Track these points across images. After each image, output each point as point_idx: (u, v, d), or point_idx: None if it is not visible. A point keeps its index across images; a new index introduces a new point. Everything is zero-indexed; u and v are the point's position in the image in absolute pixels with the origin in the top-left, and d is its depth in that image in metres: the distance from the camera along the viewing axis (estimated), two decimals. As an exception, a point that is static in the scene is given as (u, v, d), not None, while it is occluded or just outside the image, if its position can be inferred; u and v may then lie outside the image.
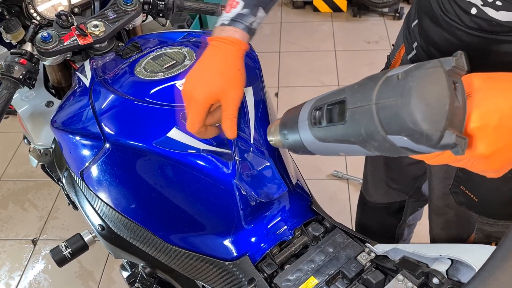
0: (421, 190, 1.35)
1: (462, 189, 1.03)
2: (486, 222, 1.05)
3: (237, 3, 0.82)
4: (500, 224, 1.05)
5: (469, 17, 0.82)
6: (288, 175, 0.97)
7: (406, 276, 0.80)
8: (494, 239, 1.09)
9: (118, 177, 0.92)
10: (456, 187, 1.04)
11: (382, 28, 3.26)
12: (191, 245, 0.93)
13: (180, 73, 0.95)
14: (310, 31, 3.32)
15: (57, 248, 1.11)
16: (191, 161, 0.86)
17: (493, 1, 0.77)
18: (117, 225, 0.98)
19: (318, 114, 0.62)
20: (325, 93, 0.64)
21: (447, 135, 0.49)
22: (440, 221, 1.17)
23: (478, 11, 0.80)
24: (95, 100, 0.94)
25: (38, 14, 1.17)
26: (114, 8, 1.14)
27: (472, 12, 0.81)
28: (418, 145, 0.51)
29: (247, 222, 0.91)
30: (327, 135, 0.60)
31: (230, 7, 0.82)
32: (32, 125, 1.20)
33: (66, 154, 1.01)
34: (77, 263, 2.01)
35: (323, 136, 0.61)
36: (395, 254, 0.86)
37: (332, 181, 2.28)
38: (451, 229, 1.15)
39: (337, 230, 0.93)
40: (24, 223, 2.23)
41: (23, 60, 1.03)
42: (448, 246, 0.79)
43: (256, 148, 0.89)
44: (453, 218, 1.12)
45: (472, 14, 0.81)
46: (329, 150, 0.63)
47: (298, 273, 0.86)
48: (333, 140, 0.59)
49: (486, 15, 0.79)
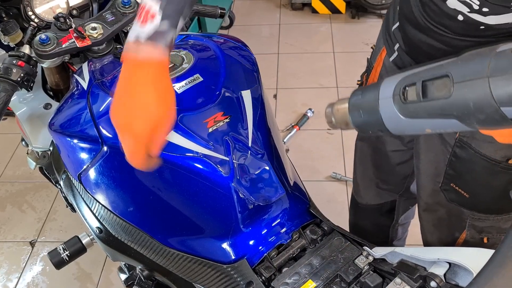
0: (410, 189, 1.36)
1: (453, 186, 1.03)
2: (477, 217, 1.06)
3: (153, 16, 0.69)
4: (491, 218, 1.07)
5: (455, 23, 0.81)
6: (286, 177, 0.97)
7: (404, 280, 0.80)
8: (486, 234, 1.10)
9: (116, 180, 0.92)
10: (447, 184, 1.05)
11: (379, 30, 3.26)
12: (189, 248, 0.93)
13: (178, 76, 0.94)
14: (309, 32, 3.33)
15: (55, 250, 1.11)
16: (189, 165, 0.86)
17: (480, 8, 0.76)
18: (115, 228, 0.98)
19: (410, 91, 0.62)
20: (406, 71, 0.64)
21: None
22: (431, 218, 1.17)
23: (465, 18, 0.79)
24: (93, 103, 0.94)
25: (36, 16, 1.17)
26: (112, 11, 1.14)
27: (459, 18, 0.80)
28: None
29: (245, 225, 0.91)
30: (421, 111, 0.61)
31: (145, 20, 0.70)
32: (30, 127, 1.19)
33: (64, 157, 1.00)
34: (75, 266, 2.01)
35: (414, 112, 0.62)
36: (393, 257, 0.86)
37: (330, 183, 2.28)
38: (442, 227, 1.16)
39: (335, 233, 0.94)
40: (22, 225, 2.22)
41: (21, 62, 1.03)
42: (446, 250, 0.79)
43: (254, 151, 0.90)
44: (444, 216, 1.13)
45: (459, 20, 0.80)
46: (415, 127, 0.64)
47: (296, 276, 0.86)
48: (426, 115, 0.60)
49: (473, 21, 0.79)
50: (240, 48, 1.09)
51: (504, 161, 0.94)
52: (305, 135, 2.56)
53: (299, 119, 2.60)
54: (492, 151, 0.94)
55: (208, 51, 1.03)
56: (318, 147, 2.48)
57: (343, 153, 2.42)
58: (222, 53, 1.01)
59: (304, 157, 2.42)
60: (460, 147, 0.98)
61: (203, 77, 0.95)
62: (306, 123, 2.60)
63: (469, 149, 0.96)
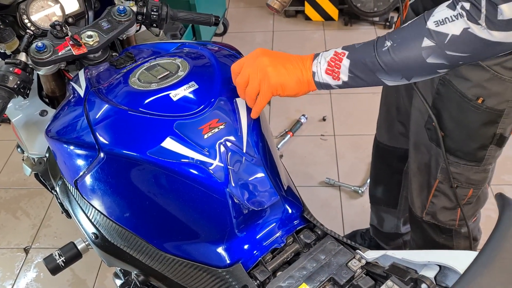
0: None
1: (434, 125, 1.12)
2: (449, 161, 1.16)
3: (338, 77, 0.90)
4: (461, 165, 1.16)
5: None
6: (281, 183, 0.98)
7: (396, 282, 0.82)
8: (456, 182, 1.20)
9: (112, 186, 0.93)
10: (429, 123, 1.14)
11: (373, 36, 3.27)
12: (185, 252, 0.94)
13: (173, 84, 0.96)
14: (302, 39, 3.35)
15: (51, 256, 1.11)
16: (184, 170, 0.87)
17: None
18: (111, 233, 0.99)
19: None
20: None
21: None
22: (417, 159, 1.29)
23: None
24: (90, 110, 0.95)
25: (32, 24, 1.18)
26: (108, 19, 1.15)
27: None
28: None
29: (240, 230, 0.93)
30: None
31: (336, 77, 0.90)
32: (26, 134, 1.20)
33: (61, 163, 1.01)
34: (70, 272, 2.01)
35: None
36: (385, 260, 0.88)
37: (324, 188, 2.30)
38: (423, 171, 1.28)
39: (328, 238, 0.95)
40: (16, 232, 2.22)
41: (18, 69, 1.04)
42: (436, 253, 0.81)
43: (248, 157, 0.91)
44: (426, 158, 1.25)
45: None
46: None
47: (290, 280, 0.88)
48: None
49: None
50: (234, 55, 1.11)
51: (475, 99, 1.04)
52: (298, 141, 2.58)
53: (292, 125, 2.63)
54: (466, 88, 1.04)
55: (203, 59, 1.05)
56: (311, 153, 2.50)
57: (337, 158, 2.44)
58: (216, 61, 1.03)
59: (298, 162, 2.44)
60: (443, 84, 1.08)
61: (198, 84, 0.96)
62: (300, 129, 2.62)
63: (448, 85, 1.06)
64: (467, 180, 1.20)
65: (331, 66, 0.88)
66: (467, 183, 1.21)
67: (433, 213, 1.32)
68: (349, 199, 2.24)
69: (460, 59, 0.79)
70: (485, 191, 1.28)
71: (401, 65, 0.83)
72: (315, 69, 0.90)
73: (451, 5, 0.77)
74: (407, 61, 0.82)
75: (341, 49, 0.90)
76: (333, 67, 0.88)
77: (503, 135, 1.11)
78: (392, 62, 0.83)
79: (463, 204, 1.25)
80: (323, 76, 0.90)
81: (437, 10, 0.79)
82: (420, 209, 1.35)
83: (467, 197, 1.24)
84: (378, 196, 1.72)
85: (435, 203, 1.30)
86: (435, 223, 1.34)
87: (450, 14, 0.77)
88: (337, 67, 0.88)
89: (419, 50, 0.80)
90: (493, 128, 1.09)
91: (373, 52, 0.85)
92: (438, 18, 0.78)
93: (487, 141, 1.12)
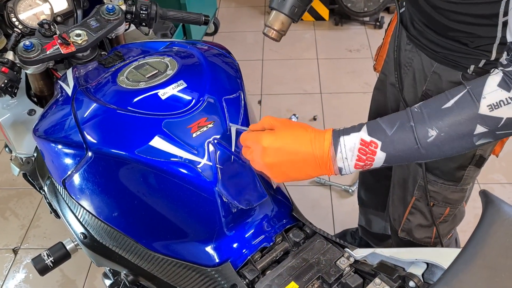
0: None
1: None
2: (428, 180, 1.15)
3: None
4: (439, 184, 1.16)
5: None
6: (269, 182, 0.98)
7: (384, 280, 0.83)
8: (432, 200, 1.19)
9: (100, 185, 0.93)
10: None
11: (363, 36, 3.31)
12: (174, 252, 0.94)
13: (162, 82, 0.96)
14: (293, 39, 3.36)
15: (39, 256, 1.10)
16: (173, 169, 0.87)
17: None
18: (100, 233, 0.98)
19: None
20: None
21: None
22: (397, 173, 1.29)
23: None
24: (78, 109, 0.94)
25: (20, 23, 1.17)
26: (96, 17, 1.15)
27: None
28: None
29: (229, 228, 0.93)
30: None
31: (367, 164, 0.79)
32: (14, 133, 1.19)
33: (48, 163, 1.01)
34: (59, 272, 1.99)
35: None
36: (373, 258, 0.88)
37: (315, 187, 2.30)
38: (401, 187, 1.28)
39: (317, 236, 0.95)
40: (5, 232, 2.20)
41: (5, 68, 1.03)
42: (424, 250, 0.82)
43: (237, 156, 0.91)
44: (405, 176, 1.25)
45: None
46: None
47: (279, 279, 0.88)
48: None
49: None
50: (223, 55, 1.10)
51: None
52: (289, 141, 2.58)
53: (283, 125, 2.63)
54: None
55: (192, 58, 1.04)
56: (302, 152, 2.50)
57: (327, 158, 2.44)
58: (205, 60, 1.03)
59: (289, 162, 2.44)
60: (426, 95, 1.07)
61: (187, 83, 0.96)
62: (291, 128, 2.62)
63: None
64: (444, 199, 1.18)
65: (362, 160, 0.78)
66: (444, 202, 1.19)
67: (409, 230, 1.31)
68: (339, 199, 2.24)
69: (507, 135, 0.75)
70: (462, 209, 1.26)
71: (448, 153, 0.76)
72: (341, 165, 0.79)
73: (503, 85, 0.70)
74: (456, 149, 0.75)
75: (368, 135, 0.77)
76: (365, 161, 0.78)
77: (483, 157, 1.10)
78: (439, 152, 0.76)
79: (438, 222, 1.23)
80: (351, 170, 0.80)
81: (488, 90, 0.71)
82: (397, 223, 1.35)
83: (443, 216, 1.23)
84: (366, 200, 1.71)
85: (410, 221, 1.29)
86: (410, 239, 1.33)
87: (505, 96, 0.70)
88: (370, 160, 0.77)
89: (471, 138, 0.73)
90: (473, 150, 1.06)
91: (415, 144, 0.75)
92: (492, 102, 0.70)
93: (466, 162, 1.11)
